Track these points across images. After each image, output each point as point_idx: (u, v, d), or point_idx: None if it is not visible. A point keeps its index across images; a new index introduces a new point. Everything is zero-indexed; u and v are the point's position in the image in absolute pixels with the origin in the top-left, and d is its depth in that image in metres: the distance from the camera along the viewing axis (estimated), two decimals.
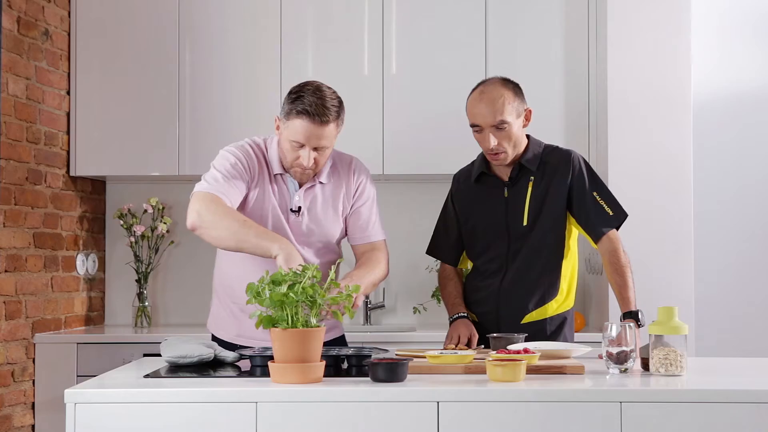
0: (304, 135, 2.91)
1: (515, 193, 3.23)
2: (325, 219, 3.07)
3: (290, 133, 2.93)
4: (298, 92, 2.94)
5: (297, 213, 3.03)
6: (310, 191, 3.06)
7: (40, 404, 4.24)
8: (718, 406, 2.37)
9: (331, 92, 2.97)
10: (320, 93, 2.93)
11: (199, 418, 2.38)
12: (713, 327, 4.79)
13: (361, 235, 3.14)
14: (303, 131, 2.91)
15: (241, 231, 2.81)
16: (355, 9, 4.59)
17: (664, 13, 4.36)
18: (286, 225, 3.02)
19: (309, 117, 2.89)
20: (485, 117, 3.11)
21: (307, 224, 3.05)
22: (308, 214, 3.05)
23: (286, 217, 3.03)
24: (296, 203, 3.03)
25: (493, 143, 3.12)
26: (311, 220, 3.05)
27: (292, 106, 2.92)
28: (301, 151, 2.94)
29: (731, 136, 4.91)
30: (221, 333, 3.17)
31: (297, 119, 2.91)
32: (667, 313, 2.62)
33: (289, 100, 2.95)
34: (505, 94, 3.12)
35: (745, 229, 4.91)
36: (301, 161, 2.95)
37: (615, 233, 3.17)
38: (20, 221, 4.13)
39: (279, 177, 3.04)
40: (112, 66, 4.59)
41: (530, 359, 2.63)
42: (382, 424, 2.37)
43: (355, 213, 3.13)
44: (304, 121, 2.90)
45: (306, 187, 3.05)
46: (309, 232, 3.05)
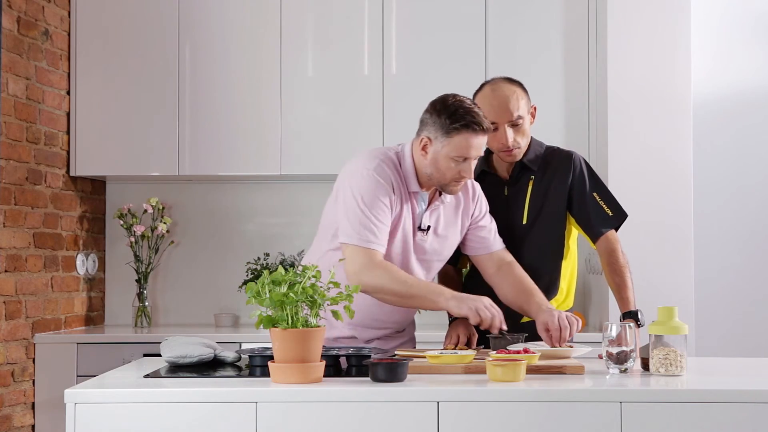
0: (469, 147, 2.86)
1: (515, 191, 3.23)
2: (446, 238, 3.06)
3: (453, 150, 2.86)
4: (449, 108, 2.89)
5: (425, 232, 3.01)
6: (435, 211, 3.03)
7: (40, 404, 4.24)
8: (718, 406, 2.37)
9: (474, 103, 2.94)
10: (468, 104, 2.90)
11: (199, 418, 2.38)
12: (713, 327, 4.79)
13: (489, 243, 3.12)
14: (468, 144, 2.86)
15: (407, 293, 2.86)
16: (355, 9, 4.59)
17: (664, 13, 4.36)
18: (412, 243, 2.99)
19: (474, 131, 2.85)
20: (502, 114, 3.11)
21: (431, 243, 3.03)
22: (433, 234, 3.03)
23: (413, 234, 2.99)
24: (425, 222, 3.00)
25: (511, 139, 3.11)
26: (435, 239, 3.04)
27: (452, 120, 2.86)
28: (464, 164, 2.88)
29: (731, 136, 4.91)
30: None
31: (462, 134, 2.85)
32: (667, 313, 2.62)
33: (446, 115, 2.88)
34: (517, 91, 3.14)
35: (745, 229, 4.91)
36: (463, 174, 2.90)
37: (613, 234, 3.17)
38: (20, 221, 4.13)
39: (413, 195, 2.99)
40: (112, 66, 4.59)
41: (530, 359, 2.63)
42: (382, 424, 2.37)
43: (478, 224, 3.12)
44: (469, 134, 2.85)
45: (432, 207, 3.02)
46: (431, 251, 3.04)
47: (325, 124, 4.58)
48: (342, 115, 4.55)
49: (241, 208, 4.91)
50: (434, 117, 2.90)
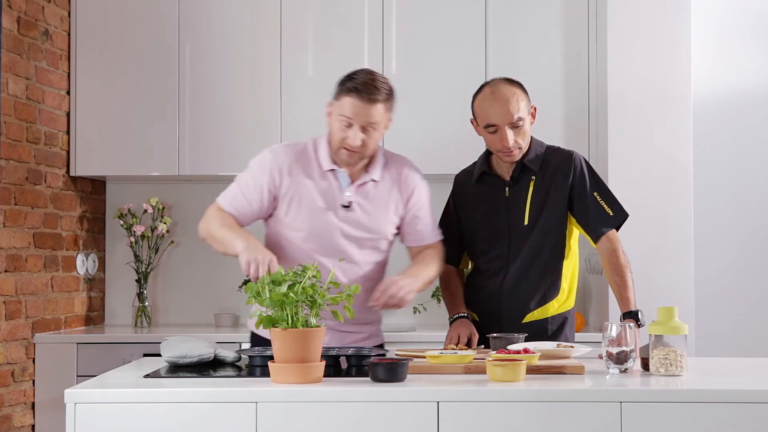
0: (352, 111, 2.96)
1: (516, 192, 3.23)
2: (378, 217, 3.09)
3: (339, 109, 2.98)
4: (350, 74, 3.02)
5: (348, 208, 3.05)
6: (362, 188, 3.08)
7: (40, 404, 4.24)
8: (718, 406, 2.38)
9: (383, 76, 3.04)
10: (371, 75, 3.01)
11: (199, 418, 2.38)
12: (713, 327, 4.79)
13: (421, 237, 3.18)
14: (352, 107, 2.96)
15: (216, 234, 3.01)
16: (355, 9, 4.59)
17: (664, 13, 4.36)
18: (331, 220, 3.04)
19: (358, 94, 2.95)
20: (502, 116, 3.11)
21: (358, 220, 3.06)
22: (361, 210, 3.06)
23: (335, 213, 3.04)
24: (347, 198, 3.06)
25: (511, 141, 3.11)
26: (363, 216, 3.07)
27: (342, 86, 3.00)
28: (350, 130, 2.97)
29: (731, 136, 4.91)
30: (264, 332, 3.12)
31: (347, 97, 2.97)
32: (667, 313, 2.62)
33: (340, 81, 3.02)
34: (517, 92, 3.14)
35: (745, 229, 4.91)
36: (348, 140, 2.98)
37: (614, 233, 3.17)
38: (20, 221, 4.13)
39: (329, 174, 3.06)
40: (112, 66, 4.59)
41: (530, 359, 2.63)
42: (382, 424, 2.37)
43: (414, 216, 3.15)
44: (353, 98, 2.96)
45: (358, 183, 3.07)
46: (360, 228, 3.06)
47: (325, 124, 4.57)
48: None
49: None
50: (338, 82, 3.04)
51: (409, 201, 3.14)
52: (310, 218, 3.03)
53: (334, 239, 3.03)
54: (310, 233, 3.03)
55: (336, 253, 3.01)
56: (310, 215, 3.03)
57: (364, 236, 3.07)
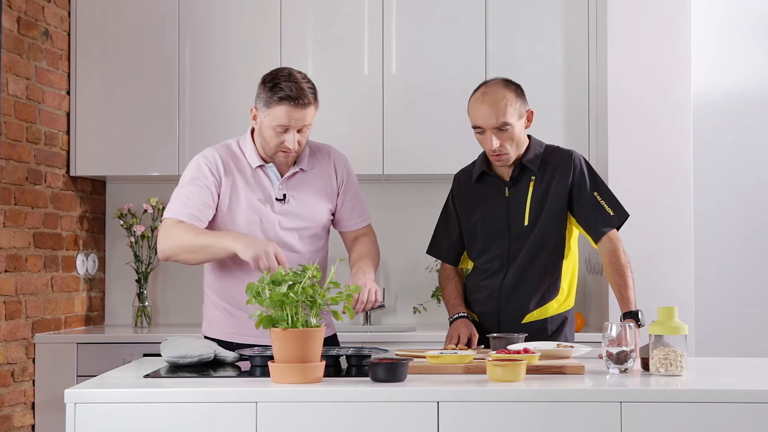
0: (288, 119, 3.00)
1: (516, 192, 3.23)
2: (311, 205, 3.16)
3: (273, 120, 3.02)
4: (273, 80, 3.03)
5: (283, 201, 3.11)
6: (292, 179, 3.14)
7: (40, 404, 4.24)
8: (718, 406, 2.38)
9: (303, 76, 3.07)
10: (295, 78, 3.03)
11: (199, 418, 2.38)
12: (713, 327, 4.79)
13: (352, 222, 3.26)
14: (287, 116, 3.00)
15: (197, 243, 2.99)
16: (355, 9, 4.59)
17: (664, 13, 4.36)
18: (269, 214, 3.10)
19: (291, 102, 2.99)
20: (487, 119, 3.11)
21: (294, 211, 3.12)
22: (295, 201, 3.13)
23: (271, 207, 3.10)
24: (280, 191, 3.11)
25: (495, 145, 3.12)
26: (299, 206, 3.13)
27: (271, 93, 3.01)
28: (286, 135, 3.03)
29: (731, 136, 4.91)
30: (217, 333, 3.19)
31: (279, 106, 3.00)
32: (667, 313, 2.62)
33: (266, 88, 3.03)
34: (507, 96, 3.12)
35: (745, 229, 4.91)
36: (287, 144, 3.04)
37: (615, 233, 3.17)
38: (20, 221, 4.13)
39: (259, 170, 3.12)
40: (112, 66, 4.59)
41: (530, 359, 2.63)
42: (382, 424, 2.37)
43: (343, 203, 3.23)
44: (286, 107, 3.00)
45: (288, 175, 3.13)
46: (297, 219, 3.13)
47: (325, 124, 4.57)
48: (342, 115, 4.55)
49: None
50: (260, 88, 3.06)
51: (341, 187, 3.22)
52: (248, 214, 3.08)
53: (275, 232, 3.10)
54: (249, 229, 3.08)
55: (280, 245, 3.05)
56: (249, 210, 3.09)
57: (302, 226, 3.13)
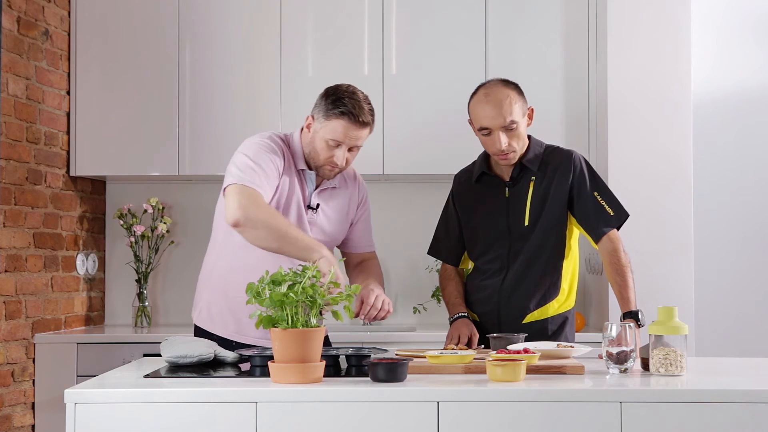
0: (344, 135, 3.01)
1: (516, 193, 3.23)
2: (335, 221, 3.19)
3: (328, 132, 3.02)
4: (336, 93, 3.04)
5: (314, 210, 3.13)
6: (324, 193, 3.16)
7: (40, 404, 4.24)
8: (718, 406, 2.38)
9: (365, 96, 3.08)
10: (357, 97, 3.04)
11: (199, 418, 2.38)
12: (713, 327, 4.79)
13: (361, 244, 3.29)
14: (344, 131, 3.01)
15: (287, 237, 2.86)
16: (355, 9, 4.59)
17: (664, 13, 4.36)
18: (305, 218, 3.12)
19: (351, 118, 3.00)
20: (494, 119, 3.10)
21: (320, 223, 3.15)
22: (323, 214, 3.16)
23: (305, 211, 3.12)
24: (314, 201, 3.14)
25: (504, 144, 3.11)
26: (325, 220, 3.16)
27: (332, 106, 3.01)
28: (337, 150, 3.03)
29: (731, 136, 4.91)
30: (217, 329, 3.15)
31: (338, 120, 3.00)
32: (667, 313, 2.62)
33: (328, 100, 3.03)
34: (511, 94, 3.13)
35: (745, 229, 4.91)
36: (335, 160, 3.04)
37: (615, 233, 3.17)
38: (20, 221, 4.13)
39: (301, 173, 3.13)
40: (112, 66, 4.59)
41: (530, 359, 2.63)
42: (382, 424, 2.37)
43: (356, 224, 3.26)
44: (345, 122, 3.00)
45: (322, 187, 3.15)
46: (321, 231, 3.15)
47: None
48: None
49: None
50: (321, 98, 3.07)
51: (358, 208, 3.26)
52: (296, 213, 3.09)
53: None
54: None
55: None
56: (296, 210, 3.09)
57: (322, 239, 3.13)
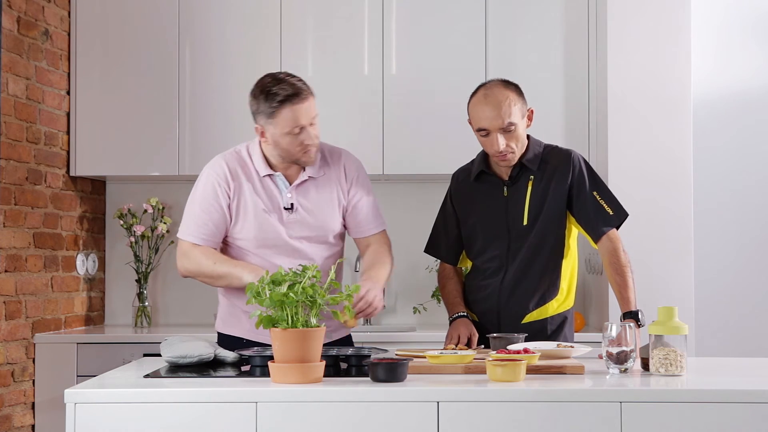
0: (297, 118, 2.95)
1: (515, 192, 3.23)
2: (321, 213, 3.11)
3: (284, 125, 2.96)
4: (263, 90, 2.98)
5: (291, 210, 3.08)
6: (300, 187, 3.10)
7: (40, 404, 4.24)
8: (718, 406, 2.38)
9: (286, 73, 3.02)
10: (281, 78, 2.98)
11: (199, 418, 2.38)
12: (713, 327, 4.79)
13: (363, 228, 3.19)
14: (295, 115, 2.95)
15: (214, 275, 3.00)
16: (355, 9, 4.59)
17: (664, 13, 4.36)
18: (277, 224, 3.06)
19: (292, 100, 2.94)
20: (493, 120, 3.10)
21: (302, 220, 3.09)
22: (303, 210, 3.09)
23: (279, 216, 3.07)
24: (288, 200, 3.08)
25: (502, 146, 3.11)
26: (307, 215, 3.10)
27: (269, 102, 2.95)
28: (302, 134, 2.98)
29: (731, 136, 4.91)
30: (229, 329, 3.17)
31: (283, 109, 2.95)
32: (667, 313, 2.62)
33: (262, 100, 2.97)
34: (510, 96, 3.12)
35: (745, 229, 4.91)
36: (306, 142, 2.99)
37: (615, 233, 3.17)
38: (20, 221, 4.13)
39: (267, 179, 3.08)
40: (112, 66, 4.59)
41: (530, 359, 2.63)
42: (382, 424, 2.37)
43: (354, 207, 3.17)
44: (290, 106, 2.94)
45: (296, 183, 3.09)
46: (306, 228, 3.09)
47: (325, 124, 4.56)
48: (342, 115, 4.55)
49: None
50: (256, 103, 3.00)
51: (349, 191, 3.17)
52: (256, 224, 3.06)
53: (284, 240, 3.07)
54: (259, 240, 3.06)
55: (291, 252, 3.06)
56: (257, 221, 3.06)
57: (311, 234, 3.10)
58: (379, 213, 3.23)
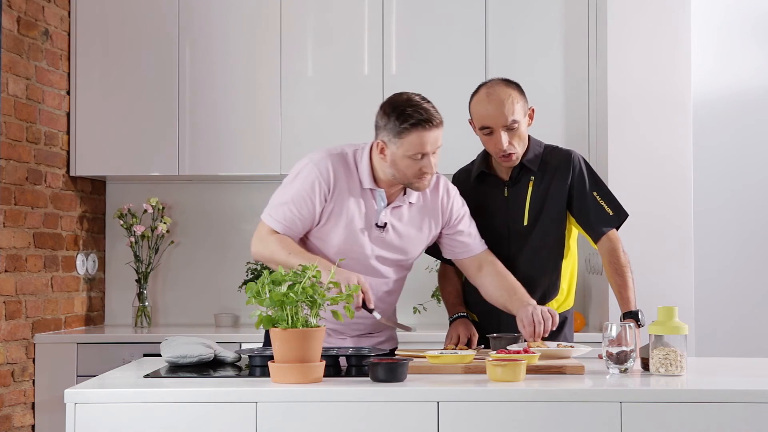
0: (424, 144, 2.89)
1: (515, 192, 3.23)
2: (408, 237, 3.07)
3: (409, 149, 2.89)
4: (396, 109, 2.92)
5: (383, 228, 3.02)
6: (397, 210, 3.05)
7: (40, 404, 4.24)
8: (718, 406, 2.38)
9: (421, 97, 2.97)
10: (416, 102, 2.93)
11: (199, 418, 2.38)
12: (713, 327, 4.79)
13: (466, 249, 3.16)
14: (422, 141, 2.88)
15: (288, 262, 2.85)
16: (355, 9, 4.59)
17: (664, 14, 4.36)
18: (364, 239, 3.01)
19: (424, 126, 2.88)
20: (497, 118, 3.10)
21: (390, 241, 3.04)
22: (393, 232, 3.04)
23: (368, 232, 3.01)
24: (382, 219, 3.02)
25: (505, 144, 3.10)
26: (396, 238, 3.05)
27: (401, 122, 2.89)
28: (424, 160, 2.91)
29: (731, 136, 4.91)
30: None
31: (413, 133, 2.88)
32: (667, 313, 2.62)
33: (392, 118, 2.91)
34: (513, 94, 3.12)
35: (745, 229, 4.91)
36: (425, 169, 2.92)
37: (615, 233, 3.17)
38: (20, 221, 4.13)
39: (368, 192, 3.02)
40: (112, 66, 4.59)
41: (530, 359, 2.63)
42: (382, 424, 2.37)
43: (456, 232, 3.14)
44: (421, 132, 2.88)
45: (394, 205, 3.04)
46: (389, 249, 3.05)
47: (325, 124, 4.58)
48: (342, 115, 4.55)
49: (240, 208, 4.91)
50: (385, 120, 2.93)
51: (449, 221, 3.12)
52: (345, 234, 2.99)
53: (365, 255, 3.02)
54: (341, 249, 3.00)
55: (364, 268, 3.00)
56: (346, 231, 2.99)
57: (393, 258, 3.06)
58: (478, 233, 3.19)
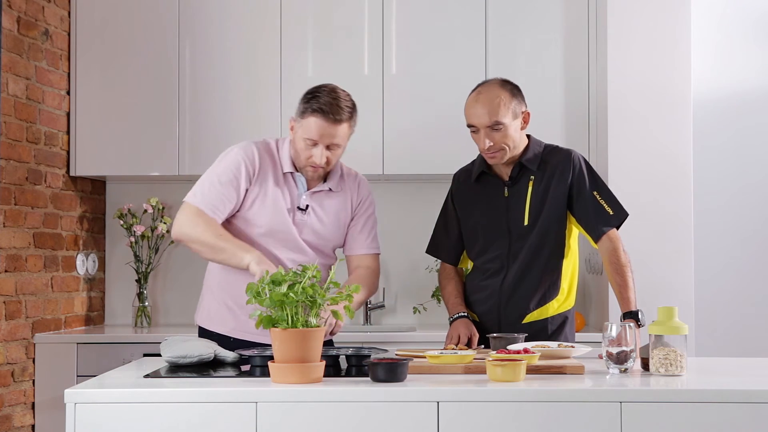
0: (318, 133, 3.02)
1: (515, 192, 3.23)
2: (329, 223, 3.18)
3: (304, 131, 3.03)
4: (313, 92, 3.06)
5: (304, 211, 3.13)
6: (317, 194, 3.16)
7: (40, 404, 4.24)
8: (718, 406, 2.38)
9: (346, 94, 3.09)
10: (335, 93, 3.05)
11: (199, 418, 2.38)
12: (713, 327, 4.79)
13: (357, 245, 3.25)
14: (317, 129, 3.01)
15: (216, 247, 3.00)
16: (355, 9, 4.59)
17: (664, 13, 4.36)
18: (289, 222, 3.11)
19: (323, 115, 3.01)
20: (480, 118, 3.13)
21: (311, 224, 3.14)
22: (315, 216, 3.15)
23: (292, 215, 3.12)
24: (304, 202, 3.13)
25: (487, 144, 3.13)
26: (317, 222, 3.15)
27: (307, 105, 3.04)
28: (314, 149, 3.04)
29: (731, 136, 4.91)
30: (215, 326, 3.20)
31: (311, 117, 3.02)
32: (667, 313, 2.62)
33: (304, 99, 3.06)
34: (502, 96, 3.13)
35: (745, 229, 4.91)
36: (313, 159, 3.05)
37: (615, 233, 3.17)
38: (20, 221, 4.13)
39: (289, 176, 3.13)
40: (112, 66, 4.59)
41: (530, 359, 2.64)
42: (382, 424, 2.37)
43: (355, 224, 3.24)
44: (318, 119, 3.01)
45: (314, 190, 3.15)
46: (312, 232, 3.15)
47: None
48: None
49: None
50: (301, 99, 3.07)
51: (356, 209, 3.23)
52: (272, 215, 3.10)
53: (293, 236, 3.12)
54: (269, 230, 3.10)
55: (295, 247, 3.10)
56: (273, 212, 3.10)
57: (315, 241, 3.16)
58: (377, 239, 3.28)
